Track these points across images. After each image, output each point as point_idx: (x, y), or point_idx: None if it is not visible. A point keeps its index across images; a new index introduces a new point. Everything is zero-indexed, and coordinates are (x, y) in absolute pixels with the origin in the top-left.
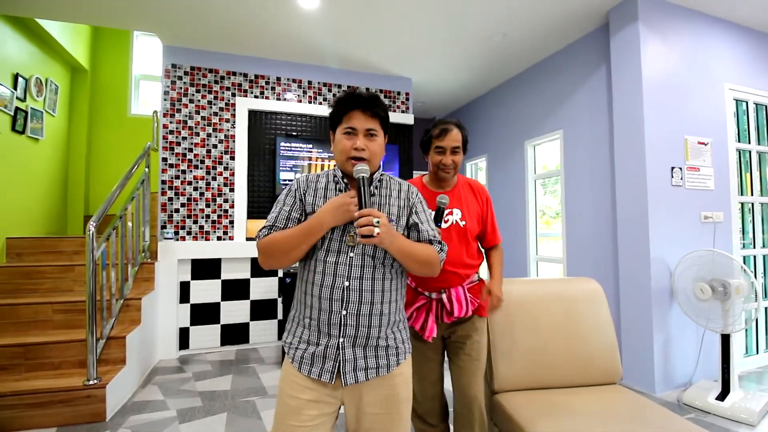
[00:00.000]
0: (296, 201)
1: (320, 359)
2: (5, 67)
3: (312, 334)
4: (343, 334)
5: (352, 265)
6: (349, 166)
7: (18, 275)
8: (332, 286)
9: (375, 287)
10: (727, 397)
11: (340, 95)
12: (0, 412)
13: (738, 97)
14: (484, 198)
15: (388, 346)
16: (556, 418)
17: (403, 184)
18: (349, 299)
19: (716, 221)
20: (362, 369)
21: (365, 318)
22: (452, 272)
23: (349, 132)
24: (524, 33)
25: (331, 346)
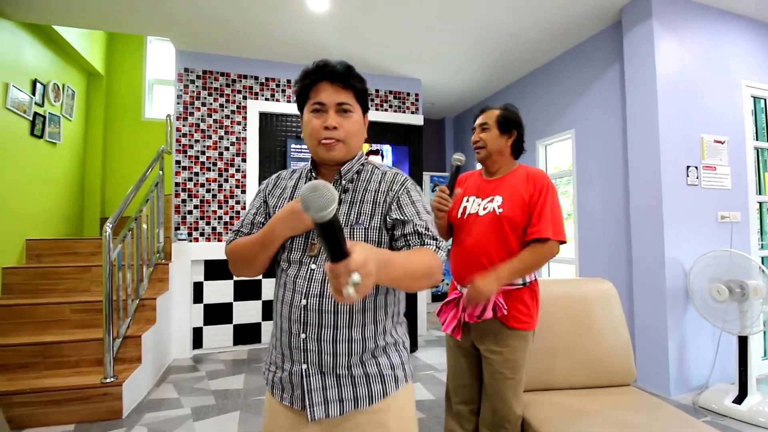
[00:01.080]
0: (261, 204)
1: (288, 384)
2: (24, 74)
3: (277, 357)
4: (305, 360)
5: (312, 280)
6: (322, 152)
7: (37, 276)
8: (291, 305)
9: (339, 308)
10: (745, 400)
11: (305, 68)
12: (20, 408)
13: (755, 94)
14: (538, 186)
15: (367, 374)
16: (569, 419)
17: (389, 173)
18: (308, 321)
19: (733, 221)
20: (335, 401)
21: (328, 345)
22: (479, 261)
23: (317, 109)
24: (535, 32)
25: (294, 372)
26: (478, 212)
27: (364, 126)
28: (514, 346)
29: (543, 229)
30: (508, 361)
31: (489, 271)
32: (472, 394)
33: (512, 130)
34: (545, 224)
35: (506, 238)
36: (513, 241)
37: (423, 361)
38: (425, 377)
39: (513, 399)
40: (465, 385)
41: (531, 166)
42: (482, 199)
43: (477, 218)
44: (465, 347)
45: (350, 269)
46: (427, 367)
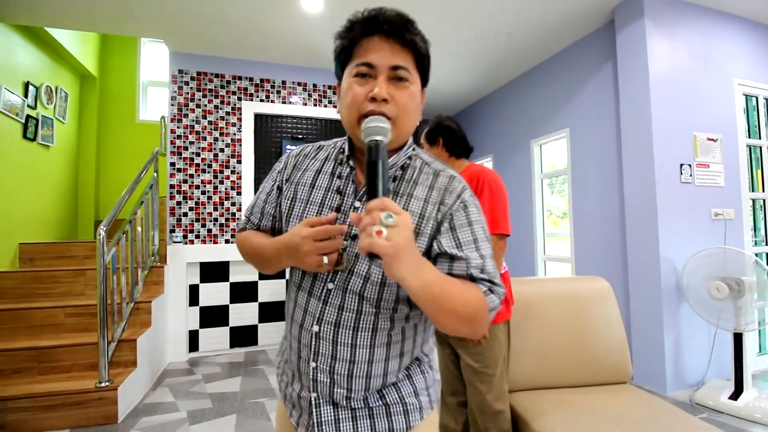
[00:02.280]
0: (273, 189)
1: (298, 406)
2: (16, 76)
3: (287, 370)
4: (314, 389)
5: (328, 303)
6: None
7: (30, 280)
8: (301, 326)
9: (358, 341)
10: (741, 396)
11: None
12: (14, 414)
13: (748, 92)
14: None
15: (387, 404)
16: (567, 417)
17: (443, 173)
18: (319, 350)
19: (727, 218)
20: None
21: (342, 378)
22: None
23: (363, 73)
24: (529, 32)
25: (303, 397)
26: None
27: (421, 104)
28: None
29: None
30: (475, 354)
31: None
32: (458, 387)
33: (437, 138)
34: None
35: None
36: None
37: None
38: None
39: (486, 392)
40: (451, 378)
41: (476, 165)
42: None
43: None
44: (447, 342)
45: (386, 206)
46: None
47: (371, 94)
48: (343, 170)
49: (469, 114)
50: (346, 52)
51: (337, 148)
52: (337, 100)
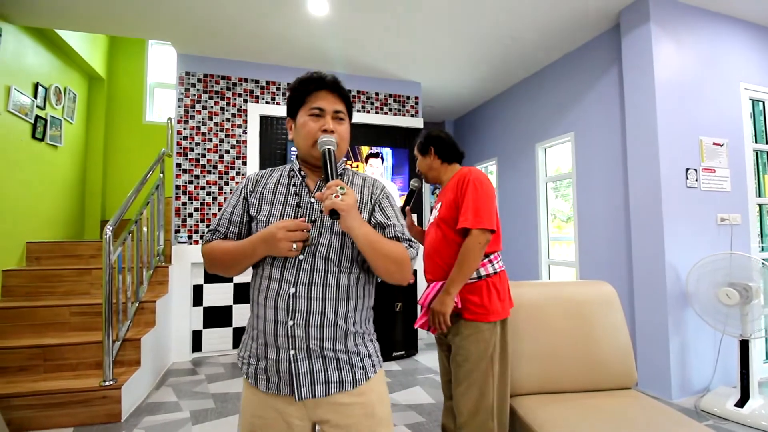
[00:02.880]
0: (239, 201)
1: (274, 374)
2: (26, 77)
3: (260, 348)
4: (292, 346)
5: (300, 270)
6: (317, 152)
7: (37, 278)
8: (277, 294)
9: (327, 295)
10: (747, 403)
11: (300, 77)
12: (19, 411)
13: (754, 96)
14: (461, 183)
15: (350, 360)
16: (570, 422)
17: (368, 179)
18: (296, 308)
19: (733, 224)
20: (321, 382)
21: (315, 330)
22: (434, 260)
23: (316, 114)
24: (534, 35)
25: (282, 360)
26: (432, 220)
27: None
28: (465, 335)
29: (464, 220)
30: (461, 349)
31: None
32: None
33: (429, 148)
34: (465, 215)
35: (446, 238)
36: (454, 239)
37: (423, 364)
38: (425, 380)
39: (466, 388)
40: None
41: (465, 167)
42: (435, 208)
43: (431, 225)
44: (444, 343)
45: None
46: (427, 371)
47: (323, 127)
48: (296, 180)
49: (474, 117)
50: (300, 99)
51: (287, 169)
52: (289, 131)
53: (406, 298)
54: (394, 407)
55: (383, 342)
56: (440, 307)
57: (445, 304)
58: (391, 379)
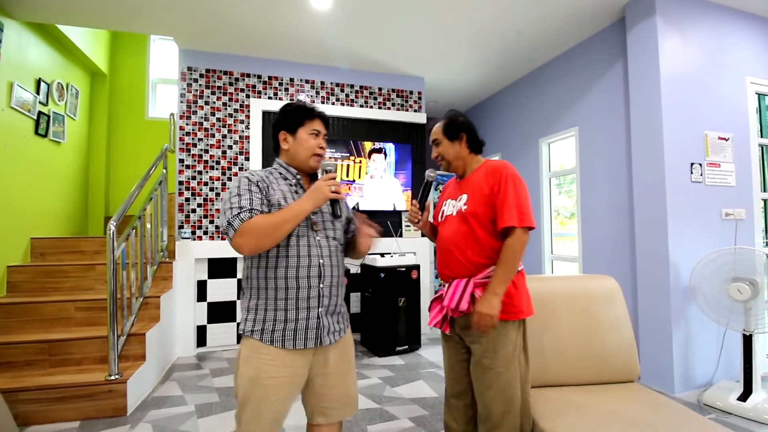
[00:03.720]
0: (260, 193)
1: (302, 331)
2: (28, 73)
3: (290, 312)
4: (321, 304)
5: (322, 246)
6: (314, 162)
7: (42, 274)
8: (309, 265)
9: (339, 263)
10: (750, 397)
11: (296, 104)
12: (25, 405)
13: (760, 90)
14: (497, 178)
15: (343, 312)
16: (573, 415)
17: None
18: (325, 274)
19: (738, 218)
20: (333, 332)
21: (335, 289)
22: (454, 256)
23: (315, 133)
24: (538, 29)
25: (311, 317)
26: (452, 213)
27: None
28: (493, 336)
29: (508, 218)
30: (487, 351)
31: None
32: (464, 387)
33: (460, 133)
34: (509, 213)
35: (474, 233)
36: (483, 235)
37: (426, 358)
38: (428, 374)
39: (497, 392)
40: (457, 378)
41: (495, 160)
42: (455, 200)
43: (451, 218)
44: (455, 340)
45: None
46: (430, 365)
47: (320, 145)
48: (293, 181)
49: (478, 111)
50: (300, 120)
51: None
52: (284, 141)
53: (409, 293)
54: (398, 401)
55: (387, 337)
56: (489, 309)
57: (493, 306)
58: (394, 374)
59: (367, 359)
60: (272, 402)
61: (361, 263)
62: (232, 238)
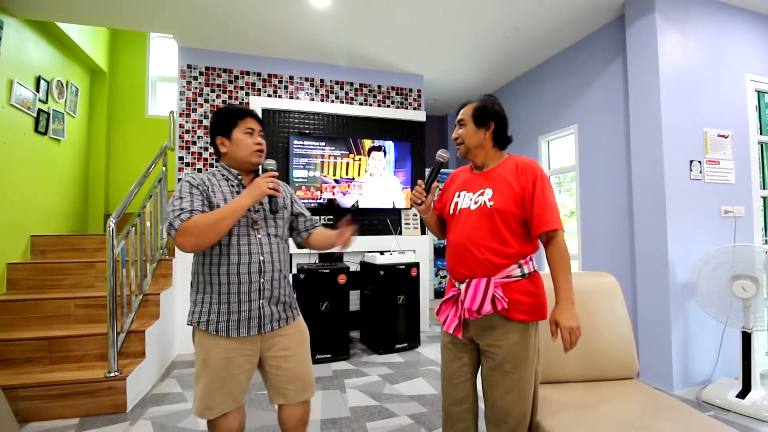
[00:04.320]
0: (201, 194)
1: (245, 321)
2: (28, 70)
3: (233, 305)
4: (261, 297)
5: (263, 244)
6: (255, 158)
7: (42, 271)
8: (250, 262)
9: (281, 259)
10: (748, 395)
11: (225, 107)
12: (25, 402)
13: (759, 88)
14: (529, 177)
15: (291, 302)
16: (572, 412)
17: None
18: (265, 270)
19: (737, 216)
20: (278, 320)
21: (277, 282)
22: (471, 253)
23: (249, 132)
24: (537, 27)
25: (253, 309)
26: (470, 206)
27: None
28: (515, 339)
29: (551, 221)
30: (509, 355)
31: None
32: (465, 393)
33: (488, 122)
34: (551, 216)
35: (498, 231)
36: (506, 234)
37: (425, 356)
38: (427, 372)
39: (518, 395)
40: (458, 384)
41: (521, 156)
42: (473, 193)
43: (469, 212)
44: (463, 344)
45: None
46: (429, 362)
47: (256, 143)
48: (234, 182)
49: None
50: (232, 121)
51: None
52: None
53: (408, 291)
54: (397, 398)
55: (386, 334)
56: (576, 322)
57: (576, 316)
58: (394, 371)
59: (367, 357)
60: (221, 379)
61: (361, 261)
62: (174, 238)
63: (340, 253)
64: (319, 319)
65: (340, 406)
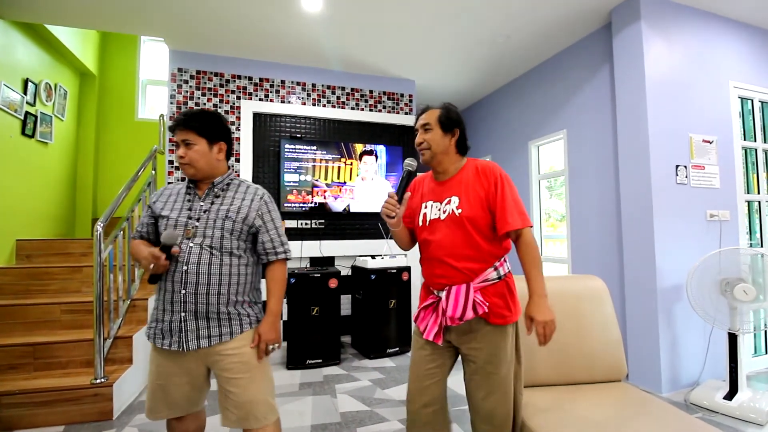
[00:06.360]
0: (147, 210)
1: (167, 332)
2: (16, 73)
3: (159, 313)
4: (183, 309)
5: (191, 253)
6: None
7: (27, 276)
8: (174, 270)
9: (211, 271)
10: (735, 396)
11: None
12: (9, 410)
13: (743, 95)
14: (491, 179)
15: (229, 319)
16: (561, 414)
17: (253, 188)
18: (188, 280)
19: (722, 220)
20: (203, 337)
21: (203, 296)
22: (450, 265)
23: (177, 144)
24: (527, 34)
25: (174, 320)
26: (440, 217)
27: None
28: (495, 342)
29: (513, 221)
30: (490, 357)
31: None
32: (434, 396)
33: (454, 128)
34: (513, 216)
35: (472, 238)
36: (479, 239)
37: None
38: None
39: (501, 395)
40: (429, 386)
41: (479, 159)
42: (440, 202)
43: (440, 222)
44: (439, 350)
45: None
46: None
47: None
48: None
49: (468, 115)
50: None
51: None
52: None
53: (399, 295)
54: (388, 403)
55: (377, 339)
56: (549, 315)
57: (549, 309)
58: (384, 376)
59: (358, 361)
60: (159, 386)
61: (352, 265)
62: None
63: (330, 257)
64: (310, 324)
65: (331, 412)
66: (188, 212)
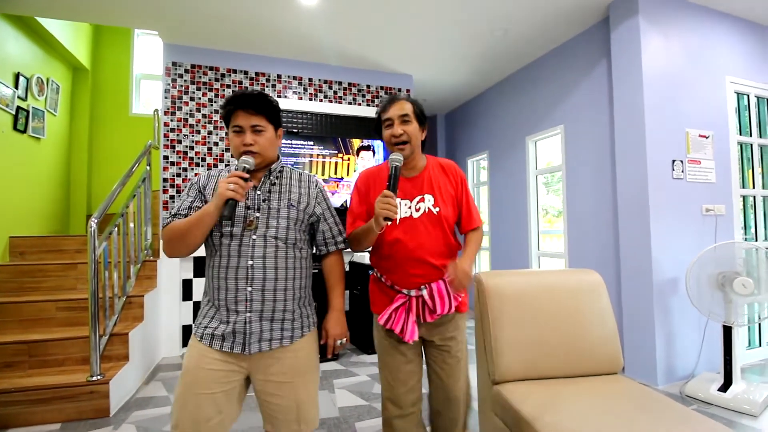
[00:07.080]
0: (197, 193)
1: (230, 334)
2: (6, 67)
3: (221, 315)
4: (249, 309)
5: (255, 246)
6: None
7: (21, 274)
8: (237, 266)
9: (278, 265)
10: (730, 388)
11: (226, 99)
12: (5, 408)
13: (739, 90)
14: (458, 179)
15: (293, 320)
16: (558, 406)
17: (306, 175)
18: (254, 276)
19: (718, 214)
20: (267, 340)
21: (270, 293)
22: (431, 264)
23: (237, 130)
24: (525, 29)
25: (239, 321)
26: (411, 215)
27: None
28: (462, 328)
29: (476, 220)
30: (461, 343)
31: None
32: (418, 394)
33: (425, 122)
34: (476, 215)
35: (446, 235)
36: (450, 236)
37: None
38: None
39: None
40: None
41: (438, 157)
42: (410, 200)
43: (413, 221)
44: (412, 348)
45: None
46: None
47: (244, 143)
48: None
49: (465, 110)
50: (227, 117)
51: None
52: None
53: None
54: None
55: (368, 337)
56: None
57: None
58: None
59: (356, 357)
60: (196, 395)
61: (350, 261)
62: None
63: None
64: None
65: (329, 407)
66: (245, 202)
